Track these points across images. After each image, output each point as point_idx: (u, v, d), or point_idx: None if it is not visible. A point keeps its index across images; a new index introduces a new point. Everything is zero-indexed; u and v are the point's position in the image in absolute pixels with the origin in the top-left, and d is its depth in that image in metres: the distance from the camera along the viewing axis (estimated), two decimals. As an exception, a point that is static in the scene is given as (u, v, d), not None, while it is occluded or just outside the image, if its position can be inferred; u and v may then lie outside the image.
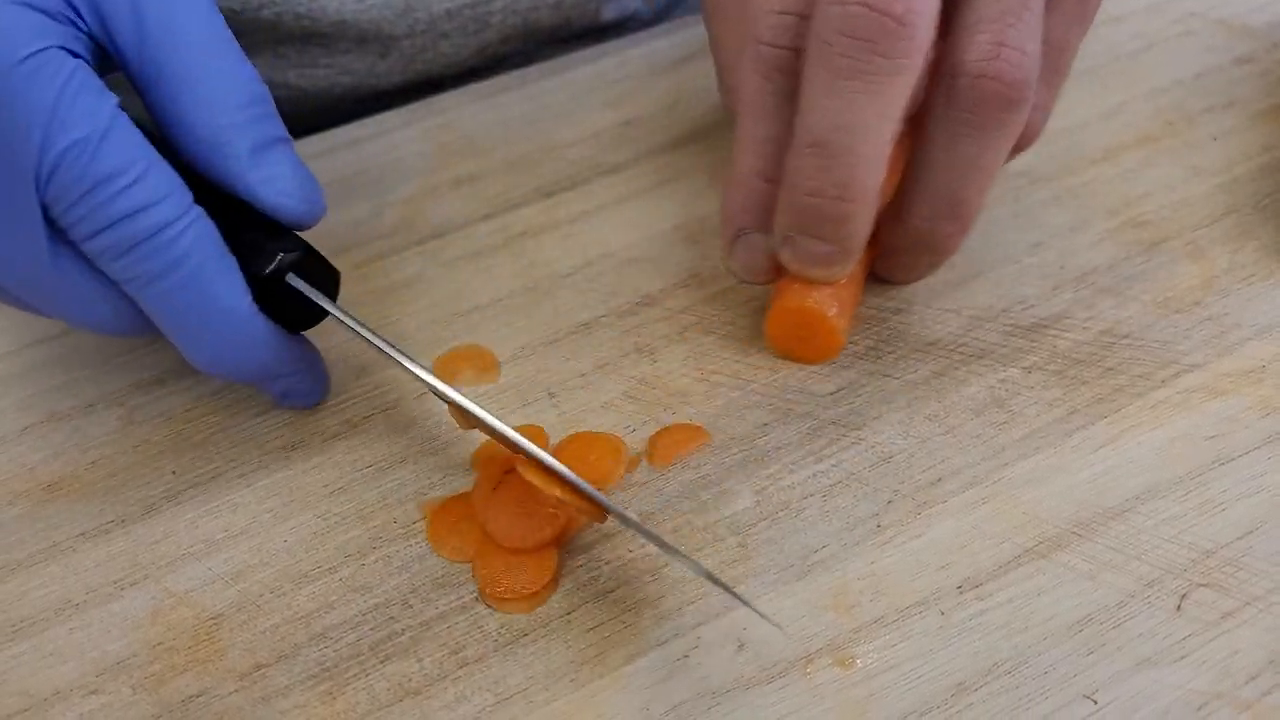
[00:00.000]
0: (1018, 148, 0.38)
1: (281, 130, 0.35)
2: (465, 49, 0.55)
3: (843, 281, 0.38)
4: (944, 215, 0.37)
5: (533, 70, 0.53)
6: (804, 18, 0.34)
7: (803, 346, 0.39)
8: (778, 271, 0.38)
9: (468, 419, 0.34)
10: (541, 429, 0.37)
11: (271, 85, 0.53)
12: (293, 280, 0.35)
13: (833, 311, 0.38)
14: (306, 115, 0.54)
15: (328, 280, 0.36)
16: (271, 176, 0.34)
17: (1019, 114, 0.35)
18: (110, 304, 0.34)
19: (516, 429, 0.33)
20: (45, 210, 0.32)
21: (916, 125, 0.37)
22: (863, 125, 0.33)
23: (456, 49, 0.55)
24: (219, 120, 0.34)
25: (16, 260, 0.33)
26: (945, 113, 0.35)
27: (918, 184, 0.37)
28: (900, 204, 0.37)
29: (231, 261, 0.34)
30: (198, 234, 0.33)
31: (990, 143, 0.35)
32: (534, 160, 0.48)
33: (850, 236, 0.36)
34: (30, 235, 0.32)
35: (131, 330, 0.35)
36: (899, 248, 0.39)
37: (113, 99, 0.32)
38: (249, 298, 0.34)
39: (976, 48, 0.34)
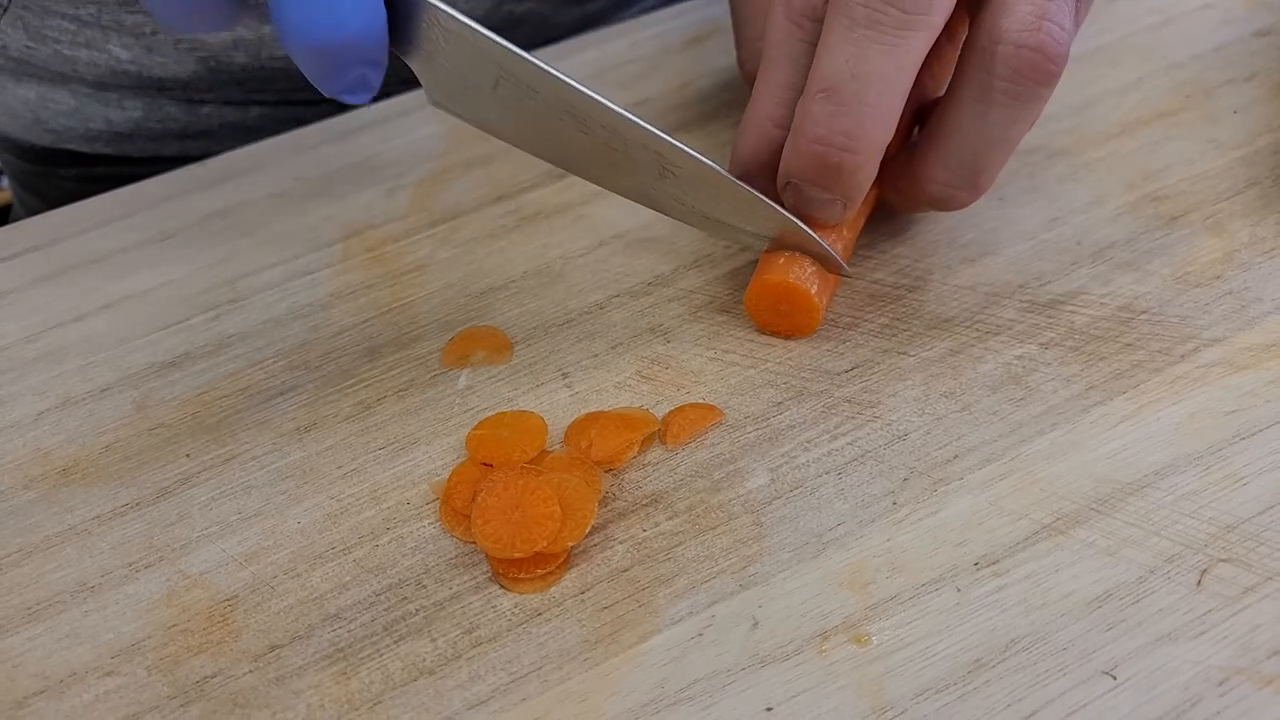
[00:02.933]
0: None
1: None
2: (482, 4, 0.55)
3: (823, 269, 0.38)
4: (962, 184, 0.37)
5: (545, 52, 0.53)
6: None
7: (781, 320, 0.39)
8: None
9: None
10: (540, 418, 0.37)
11: None
12: None
13: (814, 289, 0.38)
14: None
15: None
16: None
17: (1050, 89, 0.35)
18: None
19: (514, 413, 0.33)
20: None
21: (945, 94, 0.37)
22: (875, 76, 0.34)
23: (472, 6, 0.55)
24: None
25: None
26: (980, 80, 0.35)
27: (938, 150, 0.37)
28: (916, 166, 0.38)
29: None
30: None
31: (1021, 114, 0.35)
32: (546, 142, 0.48)
33: (852, 188, 0.36)
34: None
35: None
36: (907, 196, 0.39)
37: None
38: None
39: (1019, 18, 0.34)
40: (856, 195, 0.36)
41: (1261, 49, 0.49)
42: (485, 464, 0.36)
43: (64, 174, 0.61)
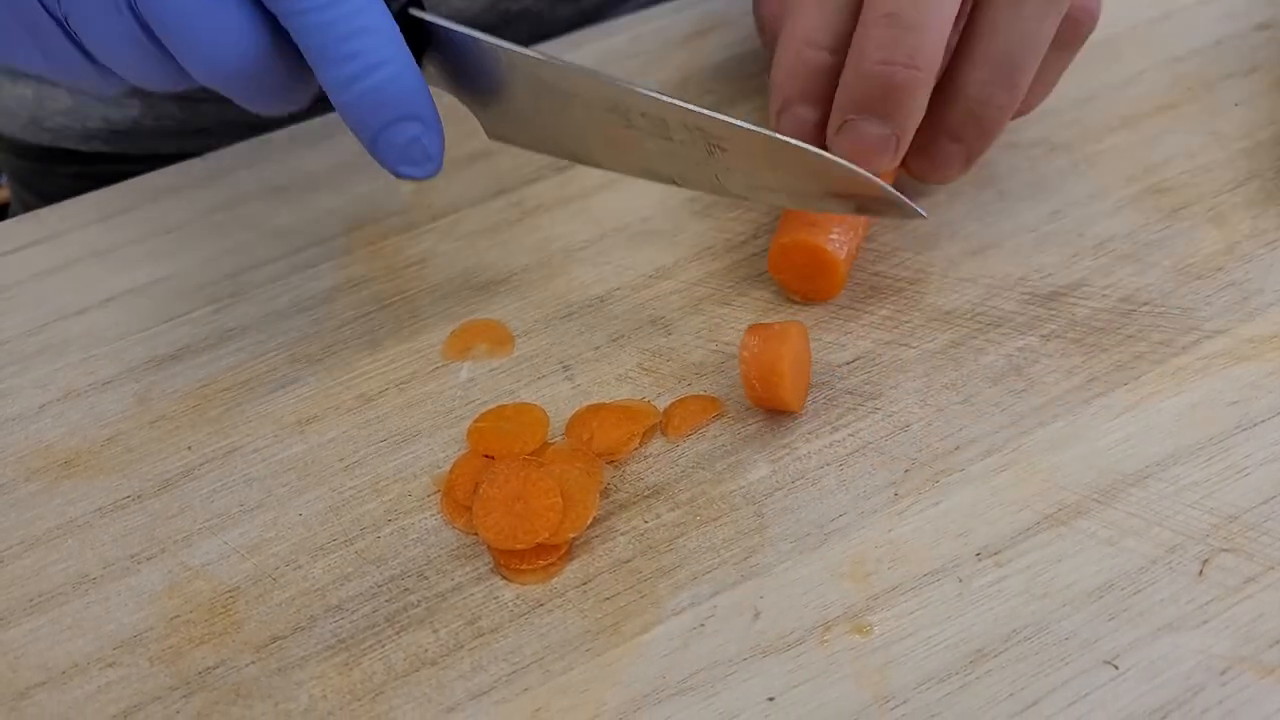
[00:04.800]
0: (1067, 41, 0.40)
1: None
2: (478, 1, 0.55)
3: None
4: (1000, 82, 0.38)
5: (545, 48, 0.53)
6: None
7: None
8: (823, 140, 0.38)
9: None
10: (542, 410, 0.37)
11: None
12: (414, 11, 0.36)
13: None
14: None
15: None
16: None
17: None
18: (250, 29, 0.34)
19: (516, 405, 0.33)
20: None
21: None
22: None
23: (468, 2, 0.54)
24: None
25: None
26: None
27: (975, 51, 0.38)
28: (952, 75, 0.38)
29: None
30: None
31: (1051, 10, 0.37)
32: (547, 136, 0.48)
33: (908, 116, 0.36)
34: None
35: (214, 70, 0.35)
36: (943, 128, 0.39)
37: None
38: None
39: None
40: (909, 128, 0.37)
41: (1262, 43, 0.49)
42: (487, 456, 0.36)
43: (62, 171, 0.61)
